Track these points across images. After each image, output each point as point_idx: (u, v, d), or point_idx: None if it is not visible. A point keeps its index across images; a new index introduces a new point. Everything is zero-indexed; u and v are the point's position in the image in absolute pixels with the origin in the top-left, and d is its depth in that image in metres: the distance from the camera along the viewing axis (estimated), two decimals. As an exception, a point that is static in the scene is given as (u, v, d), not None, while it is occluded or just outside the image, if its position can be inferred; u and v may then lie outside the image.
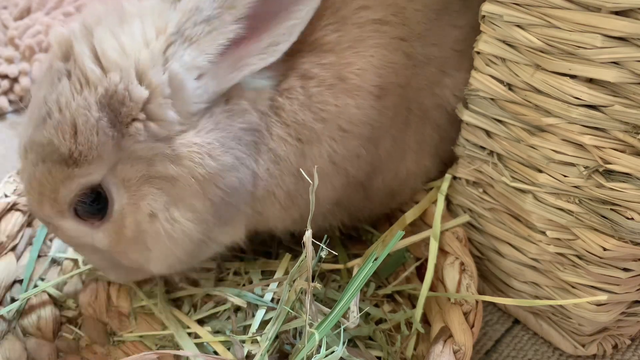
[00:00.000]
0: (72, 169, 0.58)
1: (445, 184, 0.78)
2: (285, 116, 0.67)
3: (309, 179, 0.58)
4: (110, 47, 0.59)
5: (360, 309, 0.72)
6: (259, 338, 0.67)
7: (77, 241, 0.66)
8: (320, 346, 0.58)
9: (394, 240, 0.62)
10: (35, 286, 0.78)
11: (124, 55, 0.59)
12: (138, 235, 0.63)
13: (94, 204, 0.62)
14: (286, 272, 0.76)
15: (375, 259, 0.59)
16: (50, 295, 0.77)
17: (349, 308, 0.60)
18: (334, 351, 0.57)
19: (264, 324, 0.71)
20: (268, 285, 0.75)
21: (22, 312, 0.74)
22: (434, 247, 0.71)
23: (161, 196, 0.61)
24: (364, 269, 0.59)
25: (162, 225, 0.62)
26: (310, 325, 0.59)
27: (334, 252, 0.68)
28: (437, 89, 0.76)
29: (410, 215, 0.79)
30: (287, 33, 0.63)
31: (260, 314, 0.70)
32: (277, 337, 0.65)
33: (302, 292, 0.62)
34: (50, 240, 0.84)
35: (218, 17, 0.59)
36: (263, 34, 0.62)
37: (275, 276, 0.76)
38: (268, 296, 0.74)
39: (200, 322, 0.76)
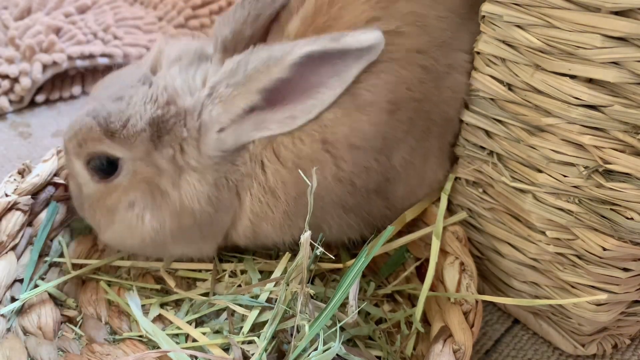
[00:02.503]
0: (106, 139, 0.69)
1: (448, 184, 0.78)
2: (285, 154, 0.71)
3: (307, 181, 0.59)
4: (180, 84, 0.70)
5: (360, 308, 0.72)
6: (256, 339, 0.67)
7: (74, 178, 0.77)
8: (315, 341, 0.58)
9: (386, 233, 0.63)
10: (36, 286, 0.78)
11: (184, 94, 0.69)
12: (112, 208, 0.73)
13: (104, 166, 0.72)
14: (285, 272, 0.76)
15: (367, 254, 0.59)
16: (50, 294, 0.77)
17: (347, 303, 0.61)
18: (331, 347, 0.57)
19: (262, 324, 0.71)
20: (265, 285, 0.75)
21: (22, 312, 0.74)
22: (435, 245, 0.71)
23: (147, 199, 0.72)
24: (357, 263, 0.60)
25: (131, 216, 0.72)
26: (308, 322, 0.59)
27: (330, 255, 0.68)
28: (464, 95, 0.73)
29: (410, 214, 0.79)
30: (306, 111, 0.69)
31: (253, 314, 0.71)
32: (274, 336, 0.65)
33: (297, 292, 0.63)
34: (51, 240, 0.84)
35: (245, 84, 0.67)
36: (284, 107, 0.69)
37: (274, 275, 0.76)
38: (264, 297, 0.74)
39: (200, 322, 0.76)
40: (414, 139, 0.73)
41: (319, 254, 0.61)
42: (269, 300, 0.73)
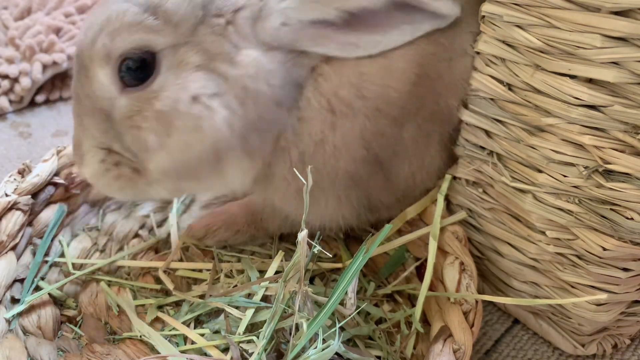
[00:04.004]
0: (146, 18, 0.61)
1: (445, 184, 0.78)
2: (325, 86, 0.68)
3: (303, 180, 0.59)
4: None
5: (361, 308, 0.72)
6: (255, 338, 0.68)
7: (93, 102, 0.65)
8: (314, 340, 0.58)
9: (383, 231, 0.63)
10: (37, 287, 0.78)
11: None
12: (168, 112, 0.63)
13: (136, 69, 0.63)
14: (278, 271, 0.77)
15: (366, 252, 0.59)
16: (50, 294, 0.77)
17: (346, 294, 0.61)
18: (330, 345, 0.57)
19: (261, 323, 0.71)
20: (260, 283, 0.75)
21: (22, 312, 0.74)
22: (433, 245, 0.71)
23: (210, 86, 0.63)
24: (355, 260, 0.60)
25: (199, 110, 0.63)
26: (306, 320, 0.59)
27: (328, 254, 0.69)
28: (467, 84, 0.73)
29: (411, 211, 0.79)
30: (371, 45, 0.67)
31: (249, 314, 0.71)
32: (273, 336, 0.65)
33: (295, 291, 0.63)
34: (51, 240, 0.84)
35: None
36: (351, 32, 0.66)
37: (267, 274, 0.76)
38: (260, 295, 0.73)
39: (199, 321, 0.76)
40: (422, 118, 0.73)
41: (316, 252, 0.61)
42: (267, 299, 0.73)
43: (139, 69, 0.63)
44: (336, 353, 0.59)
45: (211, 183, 0.71)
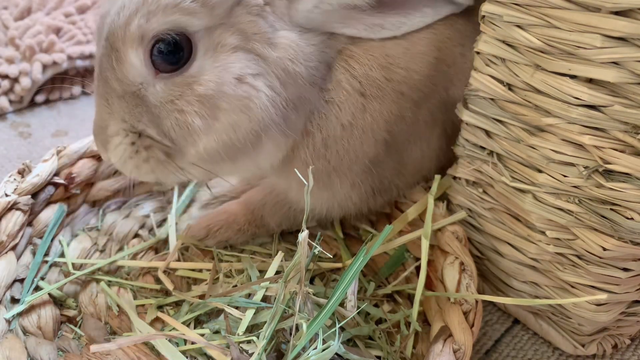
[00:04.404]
0: (182, 3, 0.59)
1: (435, 185, 0.79)
2: (357, 68, 0.69)
3: (304, 180, 0.59)
4: None
5: (361, 308, 0.72)
6: (254, 339, 0.67)
7: (124, 86, 0.64)
8: (315, 341, 0.58)
9: (384, 232, 0.63)
10: (37, 287, 0.78)
11: None
12: (213, 95, 0.62)
13: (170, 52, 0.61)
14: (278, 272, 0.77)
15: (366, 253, 0.59)
16: (50, 294, 0.77)
17: (346, 296, 0.61)
18: (330, 346, 0.57)
19: (262, 323, 0.71)
20: (260, 284, 0.75)
21: (22, 312, 0.74)
22: (425, 245, 0.72)
23: (252, 67, 0.63)
24: (356, 261, 0.60)
25: (246, 90, 0.63)
26: (307, 321, 0.59)
27: (328, 254, 0.69)
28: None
29: (412, 212, 0.79)
30: (395, 26, 0.69)
31: (249, 314, 0.71)
32: (273, 336, 0.65)
33: (295, 291, 0.63)
34: (51, 240, 0.84)
35: None
36: (377, 14, 0.68)
37: (268, 275, 0.75)
38: (260, 295, 0.73)
39: (198, 321, 0.76)
40: (433, 102, 0.75)
41: (317, 252, 0.61)
42: (267, 299, 0.73)
43: (170, 51, 0.61)
44: (336, 353, 0.59)
45: (245, 164, 0.71)
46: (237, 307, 0.72)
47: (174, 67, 0.62)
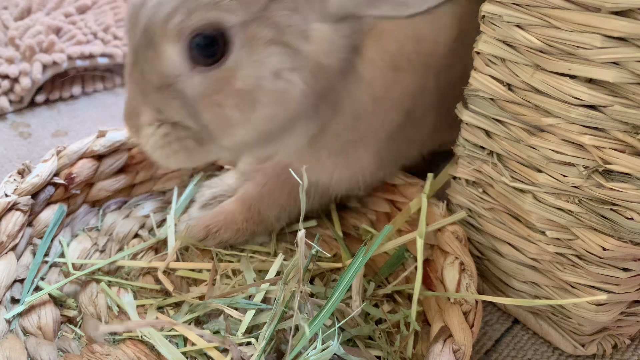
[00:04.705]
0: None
1: (427, 184, 0.80)
2: (388, 44, 0.71)
3: (298, 180, 0.60)
4: None
5: (360, 308, 0.72)
6: (254, 340, 0.68)
7: (162, 79, 0.65)
8: (314, 341, 0.58)
9: (383, 232, 0.63)
10: (37, 287, 0.78)
11: None
12: (251, 90, 0.65)
13: (206, 46, 0.63)
14: (279, 273, 0.77)
15: (365, 253, 0.60)
16: (50, 294, 0.77)
17: (350, 298, 0.61)
18: (329, 346, 0.57)
19: (262, 323, 0.71)
20: (260, 285, 0.75)
21: (22, 312, 0.74)
22: (420, 245, 0.72)
23: (287, 61, 0.65)
24: (355, 261, 0.60)
25: (283, 84, 0.65)
26: (306, 321, 0.59)
27: (327, 254, 0.69)
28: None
29: (415, 204, 0.80)
30: (419, 3, 0.69)
31: (249, 316, 0.71)
32: (272, 337, 0.65)
33: (295, 292, 0.63)
34: (51, 240, 0.84)
35: None
36: None
37: (268, 277, 0.76)
38: (260, 297, 0.74)
39: (198, 322, 0.76)
40: (452, 74, 0.76)
41: (314, 252, 0.62)
42: (267, 300, 0.73)
43: (207, 45, 0.63)
44: (336, 354, 0.59)
45: (274, 147, 0.75)
46: (236, 308, 0.72)
47: (211, 60, 0.63)
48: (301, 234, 0.58)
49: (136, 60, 0.66)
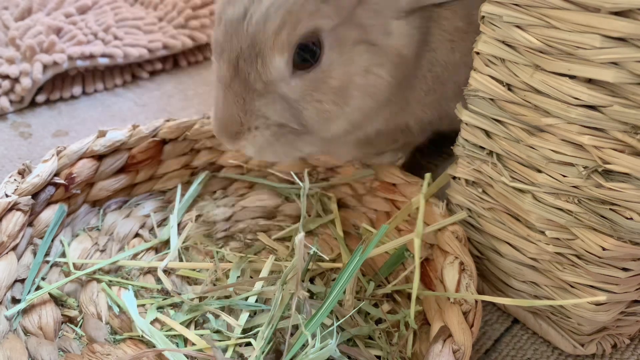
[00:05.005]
0: (322, 7, 0.68)
1: (425, 184, 0.80)
2: (447, 25, 0.79)
3: (299, 182, 0.60)
4: None
5: (360, 309, 0.73)
6: (252, 340, 0.68)
7: (268, 86, 0.72)
8: (312, 339, 0.58)
9: (380, 231, 0.63)
10: (38, 287, 0.78)
11: None
12: (345, 86, 0.73)
13: (307, 53, 0.70)
14: (271, 273, 0.77)
15: (363, 252, 0.60)
16: (51, 294, 0.78)
17: (344, 294, 0.61)
18: (327, 344, 0.57)
19: (261, 323, 0.71)
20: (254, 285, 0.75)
21: (23, 312, 0.74)
22: (417, 245, 0.72)
23: (373, 57, 0.73)
24: (352, 260, 0.60)
25: (372, 79, 0.74)
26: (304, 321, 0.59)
27: (325, 257, 0.69)
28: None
29: (415, 203, 0.80)
30: None
31: (244, 317, 0.71)
32: (271, 337, 0.65)
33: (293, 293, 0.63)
34: (52, 240, 0.84)
35: None
36: None
37: (261, 275, 0.76)
38: (253, 298, 0.74)
39: (199, 322, 0.76)
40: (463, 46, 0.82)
41: (311, 253, 0.62)
42: (267, 300, 0.73)
43: (307, 51, 0.70)
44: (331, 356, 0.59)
45: (358, 132, 0.83)
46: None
47: (308, 64, 0.71)
48: (300, 236, 0.58)
49: (236, 72, 0.71)
